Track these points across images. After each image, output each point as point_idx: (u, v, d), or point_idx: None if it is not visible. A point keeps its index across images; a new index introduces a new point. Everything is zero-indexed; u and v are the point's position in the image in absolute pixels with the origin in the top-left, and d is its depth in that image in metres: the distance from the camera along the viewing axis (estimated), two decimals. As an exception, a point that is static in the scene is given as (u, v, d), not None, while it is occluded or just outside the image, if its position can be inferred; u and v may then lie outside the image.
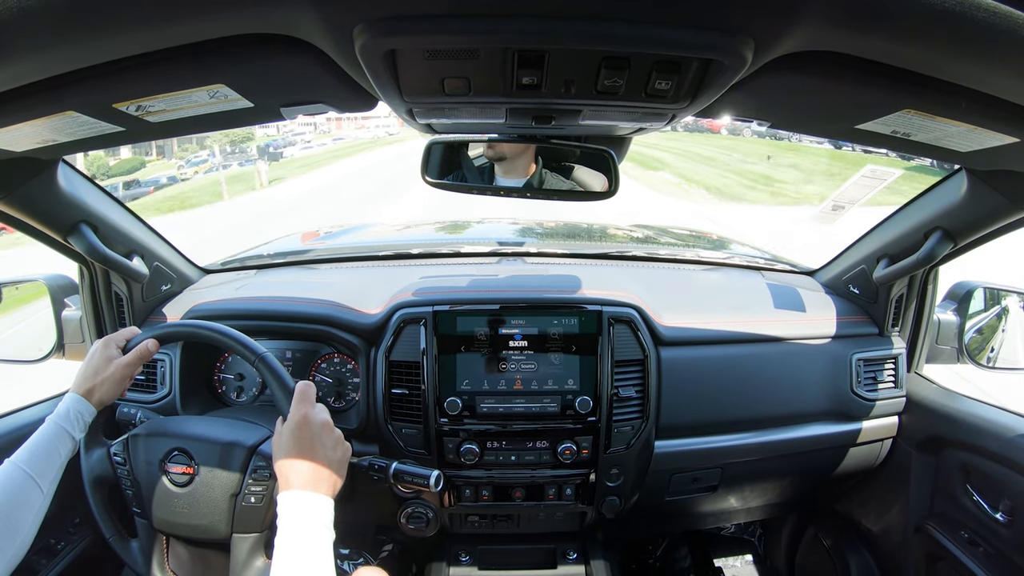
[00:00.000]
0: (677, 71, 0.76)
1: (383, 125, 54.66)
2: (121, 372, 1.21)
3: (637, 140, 1.46)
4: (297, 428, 1.08)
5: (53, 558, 1.54)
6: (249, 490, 1.19)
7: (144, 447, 1.24)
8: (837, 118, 0.97)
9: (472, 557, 1.81)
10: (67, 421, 1.11)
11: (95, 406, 1.16)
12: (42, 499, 1.04)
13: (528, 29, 0.66)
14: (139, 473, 1.23)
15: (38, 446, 1.07)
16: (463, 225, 2.80)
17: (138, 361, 1.25)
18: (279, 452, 1.07)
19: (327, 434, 1.10)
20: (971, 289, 1.75)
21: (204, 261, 1.98)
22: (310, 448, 1.06)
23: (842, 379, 1.70)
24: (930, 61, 0.70)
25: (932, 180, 1.44)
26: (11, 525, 0.99)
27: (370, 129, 54.00)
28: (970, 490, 1.55)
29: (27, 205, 1.30)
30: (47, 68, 0.73)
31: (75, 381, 1.17)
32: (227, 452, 1.21)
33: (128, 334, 1.26)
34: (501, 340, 1.57)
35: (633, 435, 1.58)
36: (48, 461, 1.06)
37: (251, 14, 0.66)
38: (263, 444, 1.23)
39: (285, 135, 43.33)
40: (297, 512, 1.00)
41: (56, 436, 1.09)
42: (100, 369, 1.18)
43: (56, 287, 1.72)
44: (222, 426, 1.28)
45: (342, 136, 51.00)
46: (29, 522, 1.01)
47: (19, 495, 1.01)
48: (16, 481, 1.02)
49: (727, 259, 2.09)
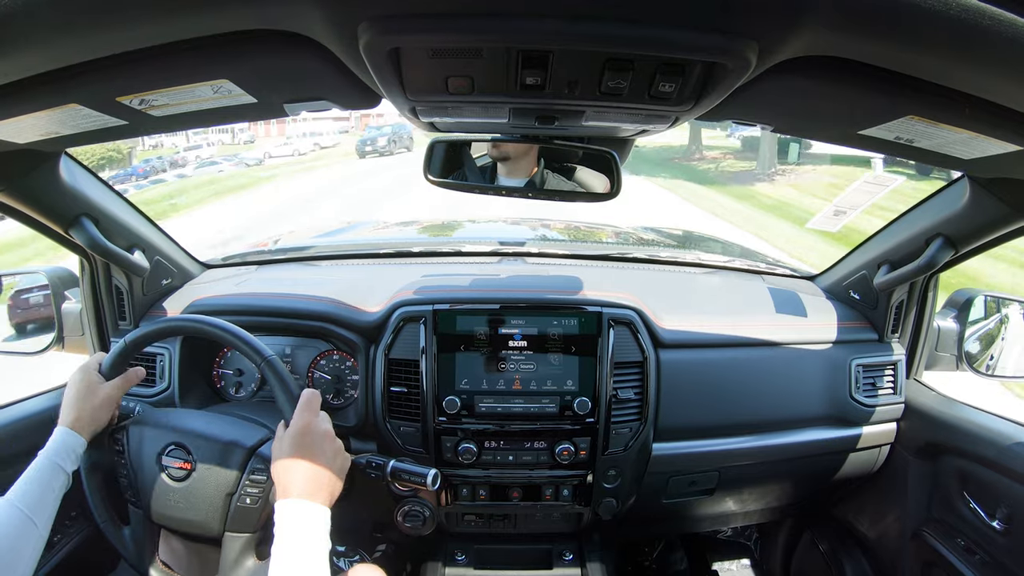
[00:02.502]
0: (681, 74, 0.76)
1: (315, 132, 37.89)
2: (108, 398, 1.22)
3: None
4: (299, 436, 1.08)
5: (50, 550, 1.53)
6: (245, 491, 1.19)
7: (143, 438, 1.24)
8: (840, 123, 0.97)
9: (468, 556, 1.81)
10: (59, 456, 1.11)
11: (86, 437, 1.16)
12: (39, 535, 1.05)
13: (532, 29, 0.66)
14: (136, 463, 1.23)
15: (32, 483, 1.07)
16: (464, 224, 2.80)
17: (125, 385, 1.26)
18: (279, 458, 1.07)
19: (328, 444, 1.11)
20: (971, 297, 1.74)
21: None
22: (311, 457, 1.06)
23: (841, 384, 1.69)
24: (934, 68, 0.70)
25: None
26: (10, 564, 1.00)
27: (292, 141, 36.23)
28: (967, 497, 1.55)
29: (28, 197, 1.30)
30: (51, 61, 0.73)
31: (62, 415, 1.17)
32: (226, 451, 1.20)
33: (99, 357, 1.26)
34: (501, 340, 1.57)
35: (631, 437, 1.58)
36: (42, 498, 1.07)
37: (255, 10, 0.66)
38: (262, 446, 1.23)
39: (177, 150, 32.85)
40: (295, 521, 1.01)
41: (49, 472, 1.09)
42: (85, 398, 1.18)
43: (56, 279, 1.72)
44: (223, 423, 1.28)
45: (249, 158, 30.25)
46: (27, 558, 1.02)
47: (16, 534, 1.02)
48: (13, 520, 1.02)
49: (728, 263, 2.08)
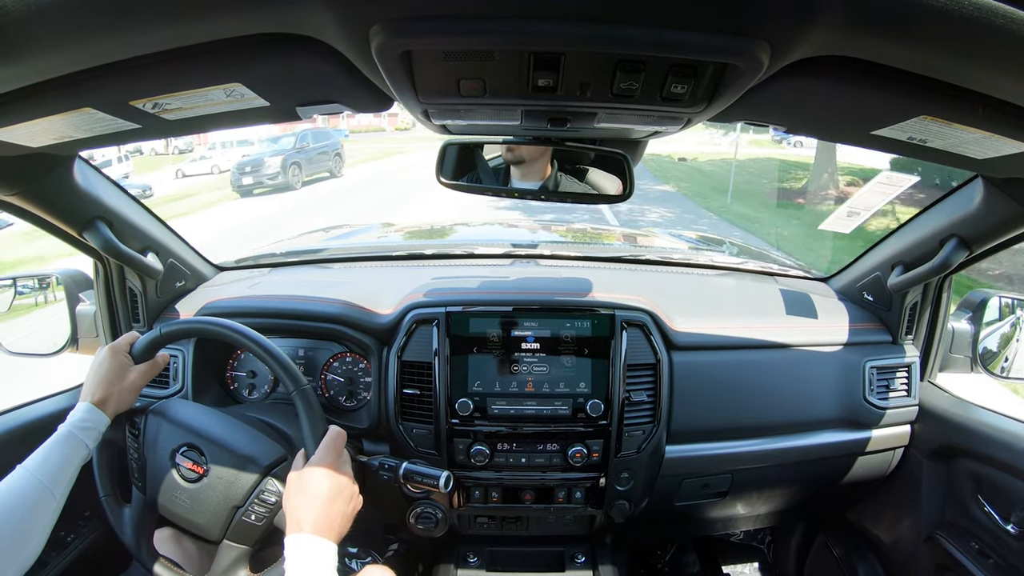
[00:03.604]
0: (693, 75, 0.76)
1: (244, 140, 22.77)
2: (136, 381, 1.22)
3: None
4: (319, 476, 1.09)
5: (63, 551, 1.54)
6: (252, 507, 1.19)
7: (161, 430, 1.23)
8: (853, 124, 0.97)
9: (480, 558, 1.81)
10: (82, 431, 1.11)
11: (109, 416, 1.17)
12: (55, 506, 1.05)
13: (544, 31, 0.66)
14: (149, 452, 1.23)
15: (52, 454, 1.07)
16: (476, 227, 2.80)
17: (153, 371, 1.27)
18: (296, 491, 1.08)
19: (346, 487, 1.11)
20: (986, 298, 1.73)
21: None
22: (327, 499, 1.07)
23: (855, 387, 1.69)
24: (947, 67, 0.70)
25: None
26: (25, 533, 1.00)
27: (215, 153, 23.86)
28: (982, 501, 1.54)
29: (43, 200, 1.31)
30: (65, 65, 0.74)
31: (87, 390, 1.17)
32: (240, 465, 1.20)
33: (131, 338, 1.26)
34: (513, 342, 1.57)
35: (644, 439, 1.58)
36: (61, 470, 1.07)
37: (267, 14, 0.67)
38: (277, 466, 1.23)
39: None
40: (307, 557, 1.02)
41: (71, 446, 1.09)
42: (114, 379, 1.19)
43: (71, 282, 1.73)
44: (241, 434, 1.27)
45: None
46: (41, 529, 1.03)
47: (34, 503, 1.02)
48: (31, 489, 1.02)
49: (740, 264, 2.08)
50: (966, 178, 1.36)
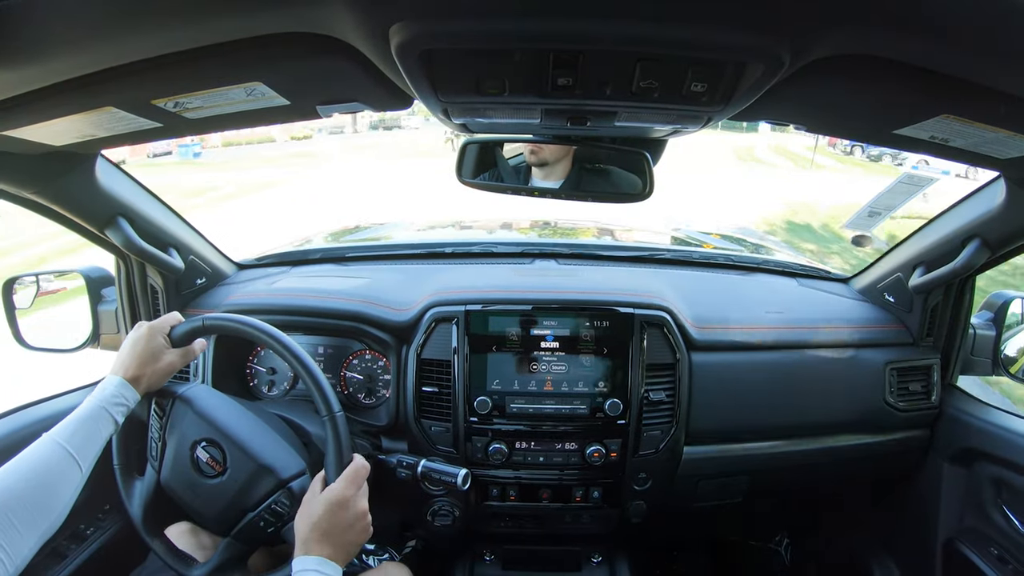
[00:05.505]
0: (713, 74, 0.76)
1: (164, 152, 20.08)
2: (170, 365, 1.22)
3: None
4: (337, 507, 1.08)
5: (82, 543, 1.55)
6: (263, 515, 1.18)
7: (185, 419, 1.23)
8: (875, 123, 0.97)
9: (496, 556, 1.81)
10: (113, 407, 1.10)
11: (140, 393, 1.16)
12: (80, 477, 1.03)
13: (563, 30, 0.67)
14: (169, 437, 1.23)
15: (80, 424, 1.06)
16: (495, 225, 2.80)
17: (188, 357, 1.26)
18: (308, 516, 1.08)
19: (360, 521, 1.11)
20: (1008, 299, 1.71)
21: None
22: (341, 530, 1.07)
23: (875, 388, 1.67)
24: (969, 66, 0.69)
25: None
26: (48, 502, 0.98)
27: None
28: (1001, 505, 1.52)
29: (65, 198, 1.33)
30: (86, 65, 0.75)
31: (119, 364, 1.16)
32: (259, 474, 1.20)
33: (172, 320, 1.25)
34: (532, 341, 1.57)
35: (662, 439, 1.58)
36: (89, 441, 1.06)
37: (287, 13, 0.68)
38: (295, 480, 1.21)
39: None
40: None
41: (100, 418, 1.08)
42: (149, 359, 1.18)
43: (93, 279, 1.75)
44: (266, 440, 1.26)
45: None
46: (65, 500, 1.01)
47: (59, 472, 1.01)
48: (57, 458, 1.01)
49: (761, 264, 2.07)
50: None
